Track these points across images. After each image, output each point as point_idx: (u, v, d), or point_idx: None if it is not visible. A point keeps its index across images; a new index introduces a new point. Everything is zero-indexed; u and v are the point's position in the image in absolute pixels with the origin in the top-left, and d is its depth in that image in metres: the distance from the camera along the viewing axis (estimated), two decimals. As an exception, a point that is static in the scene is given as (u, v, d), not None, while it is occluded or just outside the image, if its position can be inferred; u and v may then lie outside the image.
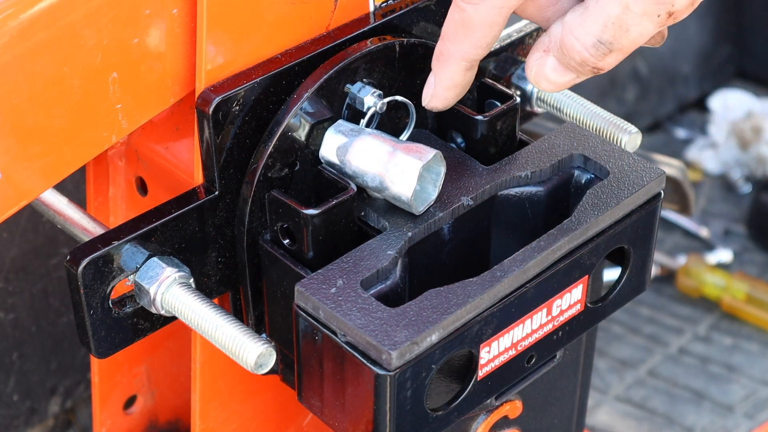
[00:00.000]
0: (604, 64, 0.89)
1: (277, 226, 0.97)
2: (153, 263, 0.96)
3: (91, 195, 1.11)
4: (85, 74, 0.91)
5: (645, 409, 1.95)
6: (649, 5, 0.86)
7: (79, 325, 0.96)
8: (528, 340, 0.97)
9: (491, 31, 0.92)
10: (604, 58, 0.89)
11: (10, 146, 0.90)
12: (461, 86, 0.97)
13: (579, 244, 0.97)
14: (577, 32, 0.88)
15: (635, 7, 0.86)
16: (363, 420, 0.91)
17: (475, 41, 0.93)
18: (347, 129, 0.98)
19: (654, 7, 0.86)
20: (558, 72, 0.91)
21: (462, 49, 0.93)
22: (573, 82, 0.92)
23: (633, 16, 0.86)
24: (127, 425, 1.25)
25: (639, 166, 1.01)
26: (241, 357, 0.91)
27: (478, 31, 0.92)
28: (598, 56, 0.89)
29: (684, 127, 2.48)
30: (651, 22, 0.86)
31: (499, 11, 0.91)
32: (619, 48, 0.88)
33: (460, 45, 0.93)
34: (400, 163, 0.96)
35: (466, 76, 0.96)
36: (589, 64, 0.89)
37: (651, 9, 0.86)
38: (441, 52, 0.95)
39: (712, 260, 2.19)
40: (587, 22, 0.87)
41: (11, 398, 1.56)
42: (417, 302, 0.90)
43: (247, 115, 0.96)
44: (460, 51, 0.94)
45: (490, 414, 1.04)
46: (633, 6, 0.86)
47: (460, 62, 0.94)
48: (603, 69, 0.90)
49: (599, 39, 0.87)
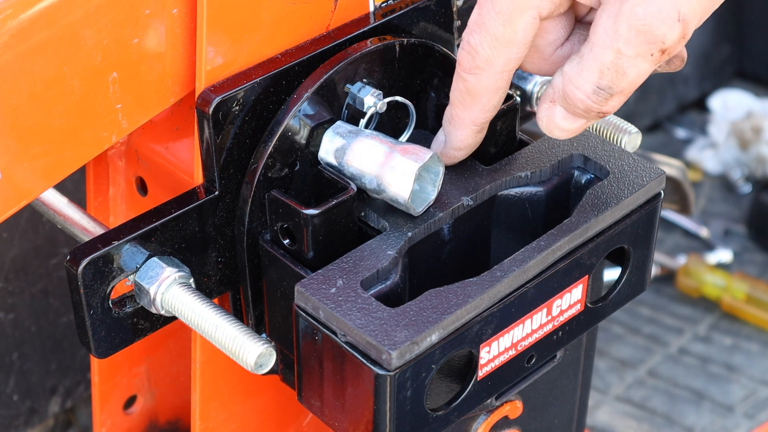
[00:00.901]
0: (608, 108, 0.91)
1: (277, 226, 0.97)
2: (153, 263, 0.96)
3: (91, 195, 1.11)
4: (85, 74, 0.91)
5: (645, 409, 1.95)
6: (641, 46, 0.87)
7: (79, 325, 0.96)
8: (528, 340, 0.97)
9: (496, 94, 0.95)
10: (607, 103, 0.90)
11: (10, 146, 0.90)
12: (471, 147, 0.99)
13: (579, 244, 0.97)
14: (576, 81, 0.90)
15: (627, 50, 0.87)
16: (363, 420, 0.91)
17: (482, 106, 0.95)
18: (345, 131, 0.98)
19: (646, 47, 0.87)
20: (568, 120, 0.93)
21: (471, 115, 0.96)
22: (585, 126, 0.94)
23: (627, 59, 0.87)
24: (127, 425, 1.25)
25: (639, 166, 1.01)
26: (241, 357, 0.91)
27: (484, 97, 0.95)
28: (600, 102, 0.90)
29: (684, 127, 2.48)
30: (646, 62, 0.88)
31: (500, 77, 0.93)
32: (620, 91, 0.89)
33: (470, 111, 0.96)
34: (396, 165, 0.96)
35: (477, 138, 0.99)
36: (593, 110, 0.91)
37: (643, 50, 0.87)
38: (452, 116, 0.97)
39: (712, 260, 2.19)
40: (584, 71, 0.89)
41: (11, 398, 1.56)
42: (417, 302, 0.90)
43: (247, 115, 0.96)
44: (470, 117, 0.96)
45: (490, 414, 1.04)
46: (625, 50, 0.87)
47: (471, 126, 0.97)
48: (608, 112, 0.91)
49: (598, 86, 0.89)
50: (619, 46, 0.87)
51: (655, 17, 0.86)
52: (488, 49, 0.92)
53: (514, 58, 0.92)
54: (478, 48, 0.92)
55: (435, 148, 1.00)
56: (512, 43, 0.91)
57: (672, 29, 0.86)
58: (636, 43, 0.87)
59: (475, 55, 0.92)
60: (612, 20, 0.87)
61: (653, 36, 0.86)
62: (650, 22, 0.86)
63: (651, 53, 0.87)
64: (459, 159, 1.00)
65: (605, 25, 0.87)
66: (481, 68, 0.93)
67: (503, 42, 0.91)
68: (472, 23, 0.92)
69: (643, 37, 0.86)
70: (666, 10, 0.86)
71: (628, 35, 0.86)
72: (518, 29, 0.91)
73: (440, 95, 1.04)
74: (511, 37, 0.91)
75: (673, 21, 0.86)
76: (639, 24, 0.86)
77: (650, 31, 0.86)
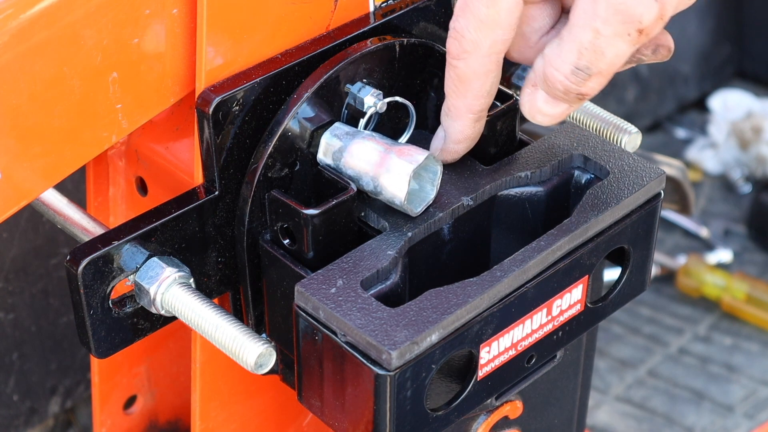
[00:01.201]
0: (587, 90, 0.91)
1: (277, 226, 0.97)
2: (153, 263, 0.96)
3: (91, 195, 1.11)
4: (85, 74, 0.91)
5: (645, 409, 1.95)
6: (618, 25, 0.88)
7: (79, 325, 0.96)
8: (528, 340, 0.97)
9: (488, 79, 0.95)
10: (585, 83, 0.91)
11: (10, 146, 0.90)
12: (471, 139, 0.99)
13: (579, 244, 0.97)
14: (555, 62, 0.91)
15: (605, 30, 0.88)
16: (363, 420, 0.91)
17: (475, 92, 0.95)
18: (343, 132, 0.98)
19: (622, 26, 0.88)
20: (550, 104, 0.94)
21: (466, 102, 0.96)
22: (567, 111, 0.94)
23: (604, 39, 0.88)
24: (127, 425, 1.25)
25: (639, 166, 1.01)
26: (241, 357, 0.91)
27: (475, 82, 0.95)
28: (578, 82, 0.91)
29: (684, 127, 2.48)
30: (624, 42, 0.89)
31: (488, 59, 0.93)
32: (598, 71, 0.90)
33: (463, 98, 0.96)
34: (392, 167, 0.96)
35: (475, 128, 0.98)
36: (572, 92, 0.92)
37: (620, 29, 0.88)
38: (448, 107, 0.97)
39: (712, 260, 2.19)
40: (563, 51, 0.90)
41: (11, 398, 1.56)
42: (417, 302, 0.90)
43: (247, 115, 0.96)
44: (464, 104, 0.96)
45: (490, 414, 1.04)
46: (602, 29, 0.88)
47: (467, 115, 0.97)
48: (587, 94, 0.92)
49: (576, 66, 0.90)
50: (597, 26, 0.88)
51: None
52: (473, 31, 0.92)
53: (500, 39, 0.92)
54: (463, 32, 0.92)
55: (435, 145, 1.00)
56: (497, 24, 0.92)
57: (649, 9, 0.87)
58: (613, 23, 0.88)
59: (461, 40, 0.93)
60: (591, 1, 0.88)
61: (630, 15, 0.87)
62: (627, 2, 0.87)
63: (628, 32, 0.88)
64: (460, 153, 1.00)
65: (584, 5, 0.88)
66: (468, 52, 0.93)
67: (488, 23, 0.92)
68: (457, 8, 0.93)
69: (621, 17, 0.87)
70: None
71: (605, 15, 0.87)
72: (502, 9, 0.91)
73: (440, 95, 1.04)
74: (495, 17, 0.91)
75: (651, 1, 0.87)
76: (617, 3, 0.87)
77: (627, 10, 0.87)
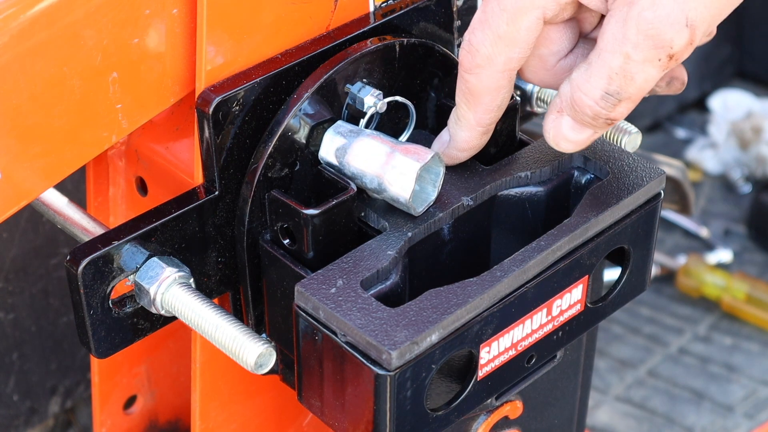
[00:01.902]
0: (616, 114, 0.91)
1: (277, 226, 0.97)
2: (153, 263, 0.96)
3: (91, 195, 1.11)
4: (85, 74, 0.91)
5: (645, 409, 1.95)
6: (649, 51, 0.87)
7: (79, 325, 0.96)
8: (528, 340, 0.97)
9: (498, 94, 0.95)
10: (615, 109, 0.90)
11: (10, 146, 0.90)
12: (476, 148, 0.99)
13: (579, 244, 0.97)
14: (584, 88, 0.90)
15: (635, 55, 0.87)
16: (363, 420, 0.91)
17: (485, 106, 0.95)
18: (346, 130, 0.98)
19: (653, 52, 0.87)
20: (575, 130, 0.93)
21: (476, 116, 0.96)
22: (592, 138, 0.94)
23: (635, 64, 0.88)
24: (127, 425, 1.25)
25: (639, 166, 1.01)
26: (241, 357, 0.91)
27: (486, 96, 0.95)
28: (608, 107, 0.90)
29: (684, 127, 2.48)
30: (653, 67, 0.88)
31: (501, 75, 0.93)
32: (628, 96, 0.90)
33: (474, 112, 0.96)
34: (398, 164, 0.96)
35: (482, 140, 0.99)
36: (601, 117, 0.91)
37: (651, 55, 0.87)
38: (458, 117, 0.97)
39: (712, 260, 2.19)
40: (593, 77, 0.89)
41: (11, 398, 1.56)
42: (417, 302, 0.90)
43: (247, 115, 0.96)
44: (474, 117, 0.96)
45: (490, 414, 1.04)
46: (633, 55, 0.87)
47: (476, 128, 0.97)
48: (616, 119, 0.91)
49: (606, 91, 0.89)
50: (628, 51, 0.87)
51: (663, 21, 0.86)
52: (489, 46, 0.92)
53: (515, 57, 0.92)
54: (479, 46, 0.92)
55: (437, 147, 1.00)
56: (514, 42, 0.91)
57: (680, 34, 0.87)
58: (644, 48, 0.87)
59: (475, 54, 0.93)
60: (620, 25, 0.87)
61: (661, 40, 0.87)
62: (658, 27, 0.86)
63: (659, 58, 0.87)
64: (461, 160, 1.00)
65: (613, 30, 0.87)
66: (482, 66, 0.93)
67: (505, 40, 0.91)
68: (475, 21, 0.92)
69: (651, 42, 0.87)
70: (674, 15, 0.86)
71: (636, 39, 0.87)
72: (521, 28, 0.91)
73: (440, 95, 1.04)
74: (514, 35, 0.91)
75: (681, 26, 0.86)
76: (647, 28, 0.86)
77: (658, 35, 0.86)
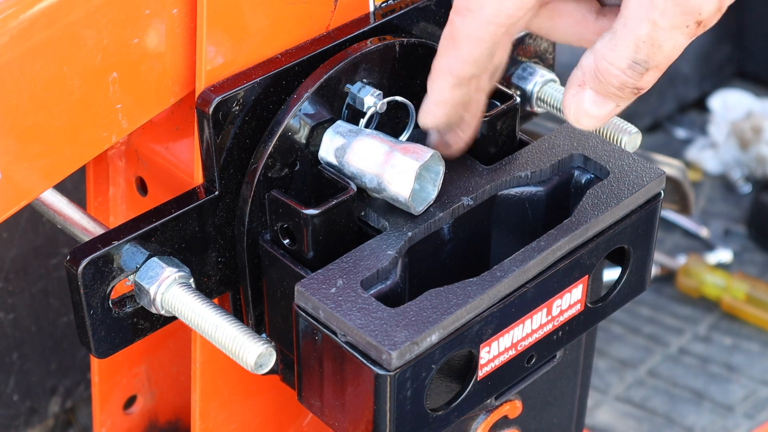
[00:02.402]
0: (643, 83, 0.89)
1: (277, 226, 0.97)
2: (153, 263, 0.96)
3: (91, 195, 1.11)
4: (85, 74, 0.92)
5: (645, 409, 1.95)
6: (677, 17, 0.85)
7: (79, 325, 0.96)
8: (528, 340, 0.97)
9: (477, 47, 0.91)
10: (642, 78, 0.88)
11: (10, 146, 0.90)
12: (450, 104, 0.95)
13: (579, 244, 0.97)
14: (610, 57, 0.88)
15: (663, 22, 0.86)
16: (363, 420, 0.91)
17: (461, 55, 0.92)
18: (346, 130, 0.98)
19: (682, 18, 0.85)
20: (598, 104, 0.91)
21: (448, 62, 0.93)
22: (614, 112, 0.91)
23: (663, 31, 0.86)
24: (127, 425, 1.25)
25: (639, 166, 1.01)
26: (241, 357, 0.91)
27: (464, 45, 0.91)
28: (635, 77, 0.88)
29: (684, 127, 2.48)
30: (682, 34, 0.86)
31: (485, 27, 0.90)
32: (656, 65, 0.88)
33: (447, 59, 0.93)
34: (397, 164, 0.96)
35: (455, 94, 0.95)
36: (628, 86, 0.89)
37: (679, 21, 0.86)
38: (433, 66, 0.95)
39: (712, 260, 2.19)
40: (618, 45, 0.87)
41: (11, 398, 1.56)
42: (417, 302, 0.90)
43: (247, 115, 0.96)
44: (447, 65, 0.93)
45: (490, 414, 1.04)
46: (661, 22, 0.86)
47: (446, 76, 0.94)
48: (643, 88, 0.89)
49: (634, 60, 0.87)
50: (655, 18, 0.85)
51: None
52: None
53: (505, 12, 0.89)
54: None
55: (431, 141, 0.99)
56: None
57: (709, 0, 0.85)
58: (672, 14, 0.85)
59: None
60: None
61: (690, 6, 0.85)
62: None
63: (687, 24, 0.86)
64: (440, 119, 0.96)
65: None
66: (470, 10, 0.90)
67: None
68: None
69: (680, 8, 0.85)
70: None
71: (663, 6, 0.85)
72: None
73: (440, 95, 1.04)
74: None
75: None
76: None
77: (686, 2, 0.85)
